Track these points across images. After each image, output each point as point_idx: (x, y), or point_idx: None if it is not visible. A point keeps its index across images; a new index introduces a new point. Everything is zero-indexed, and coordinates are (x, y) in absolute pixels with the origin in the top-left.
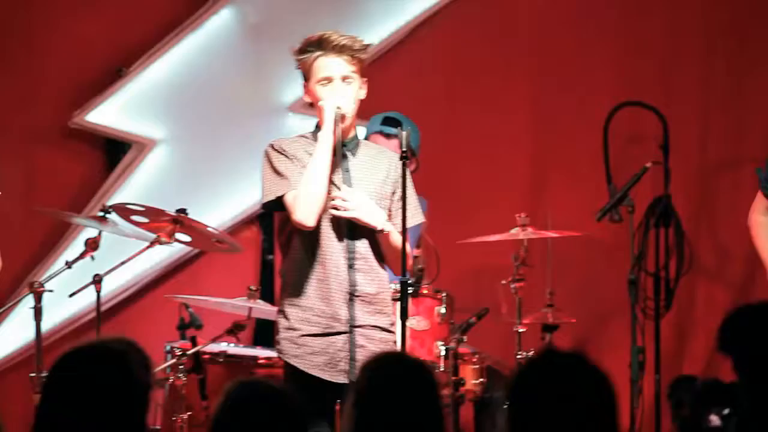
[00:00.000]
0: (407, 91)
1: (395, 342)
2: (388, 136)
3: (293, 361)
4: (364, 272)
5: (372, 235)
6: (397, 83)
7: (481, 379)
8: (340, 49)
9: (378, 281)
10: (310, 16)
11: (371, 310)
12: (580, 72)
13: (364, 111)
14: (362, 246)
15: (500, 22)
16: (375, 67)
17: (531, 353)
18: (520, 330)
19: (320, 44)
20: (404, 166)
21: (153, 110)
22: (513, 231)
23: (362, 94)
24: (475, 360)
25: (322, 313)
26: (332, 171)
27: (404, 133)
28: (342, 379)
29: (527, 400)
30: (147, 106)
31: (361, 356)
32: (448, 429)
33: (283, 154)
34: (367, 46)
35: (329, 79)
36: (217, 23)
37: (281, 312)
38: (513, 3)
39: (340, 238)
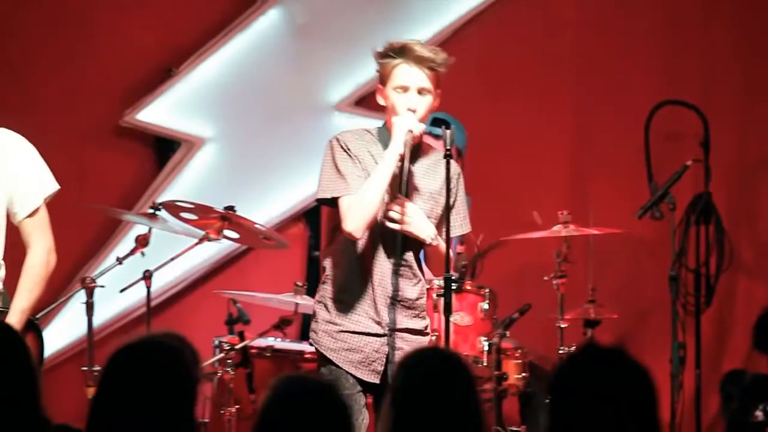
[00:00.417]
0: (451, 90)
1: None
2: (437, 137)
3: (328, 354)
4: (408, 278)
5: (419, 244)
6: (442, 82)
7: (524, 374)
8: (421, 61)
9: (419, 287)
10: (357, 17)
11: (410, 314)
12: (621, 71)
13: None
14: (408, 253)
15: (543, 22)
16: None
17: (572, 348)
18: (562, 325)
19: (402, 52)
20: (448, 164)
21: (202, 109)
22: (555, 228)
23: (435, 104)
24: (517, 355)
25: (364, 313)
26: (400, 185)
27: (449, 132)
28: (374, 379)
29: (568, 395)
30: (196, 105)
31: (398, 358)
32: (490, 423)
33: (346, 151)
34: (447, 60)
35: (405, 88)
36: (265, 23)
37: (322, 303)
38: (556, 3)
39: (387, 243)
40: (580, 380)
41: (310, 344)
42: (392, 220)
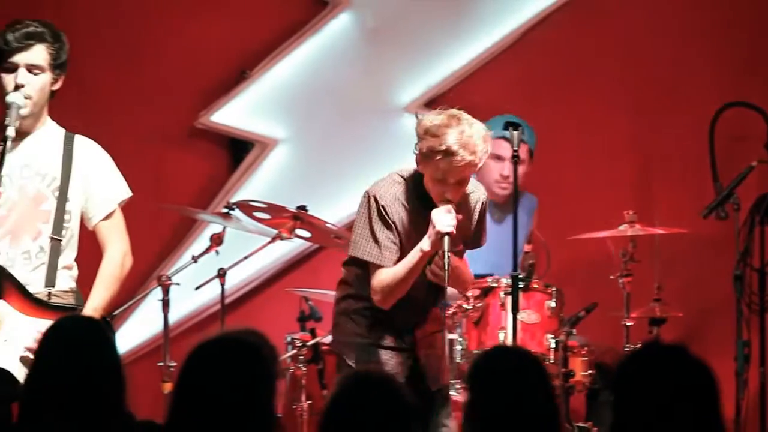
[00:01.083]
0: (518, 90)
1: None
2: (507, 139)
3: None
4: (435, 303)
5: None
6: (509, 84)
7: (590, 371)
8: (463, 166)
9: (438, 306)
10: (426, 20)
11: (427, 318)
12: (686, 71)
13: (478, 112)
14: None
15: (607, 23)
16: (488, 68)
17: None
18: (628, 324)
19: (445, 154)
20: (515, 165)
21: (275, 111)
22: (621, 228)
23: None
24: (584, 352)
25: (390, 329)
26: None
27: (516, 134)
28: None
29: (630, 392)
30: (269, 107)
31: (427, 362)
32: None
33: (382, 216)
34: (486, 147)
35: (445, 181)
36: (337, 27)
37: (346, 315)
38: (619, 5)
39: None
40: (642, 377)
41: (338, 351)
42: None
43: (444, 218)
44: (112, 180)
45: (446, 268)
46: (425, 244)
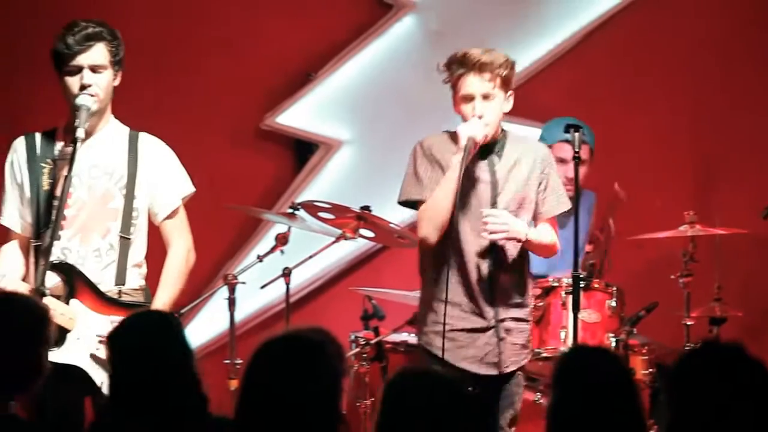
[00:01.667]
0: (580, 92)
1: (530, 331)
2: (568, 141)
3: (440, 353)
4: (504, 270)
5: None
6: (571, 85)
7: (651, 370)
8: (480, 68)
9: (515, 277)
10: (488, 23)
11: (512, 304)
12: (747, 73)
13: (540, 113)
14: (504, 247)
15: (668, 26)
16: (549, 70)
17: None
18: (688, 323)
19: (463, 63)
20: (577, 167)
21: (339, 113)
22: (682, 228)
23: (507, 106)
24: (644, 351)
25: (468, 310)
26: (473, 186)
27: (576, 135)
28: (491, 371)
29: (688, 390)
30: (334, 109)
31: (505, 348)
32: None
33: (427, 156)
34: (511, 62)
35: (471, 97)
36: (400, 30)
37: (426, 305)
38: (681, 7)
39: (479, 239)
40: (700, 376)
41: (422, 344)
42: (491, 232)
43: (469, 125)
44: (176, 176)
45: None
46: (455, 157)
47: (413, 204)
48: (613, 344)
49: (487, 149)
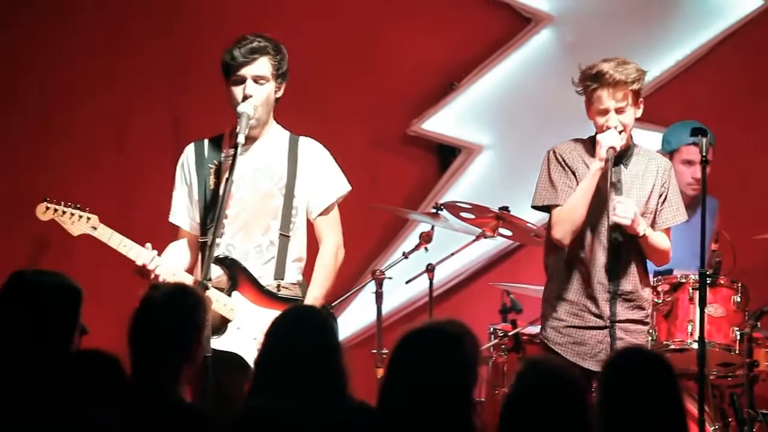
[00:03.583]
0: (707, 99)
1: (648, 333)
2: (695, 144)
3: (557, 348)
4: (624, 272)
5: (632, 237)
6: (699, 95)
7: None
8: (615, 85)
9: (635, 279)
10: (620, 36)
11: (629, 305)
12: None
13: (668, 122)
14: (625, 250)
15: None
16: (678, 80)
17: None
18: None
19: (596, 78)
20: (704, 170)
21: (480, 119)
22: None
23: (638, 113)
24: None
25: (585, 309)
26: (607, 192)
27: (704, 141)
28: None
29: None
30: (475, 116)
31: (619, 347)
32: (742, 406)
33: (560, 163)
34: (642, 75)
35: (605, 111)
36: (538, 42)
37: (548, 302)
38: None
39: (602, 241)
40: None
41: (542, 338)
42: (619, 217)
43: (607, 135)
44: (332, 176)
45: (609, 186)
46: (594, 164)
47: (546, 208)
48: (738, 337)
49: (616, 157)
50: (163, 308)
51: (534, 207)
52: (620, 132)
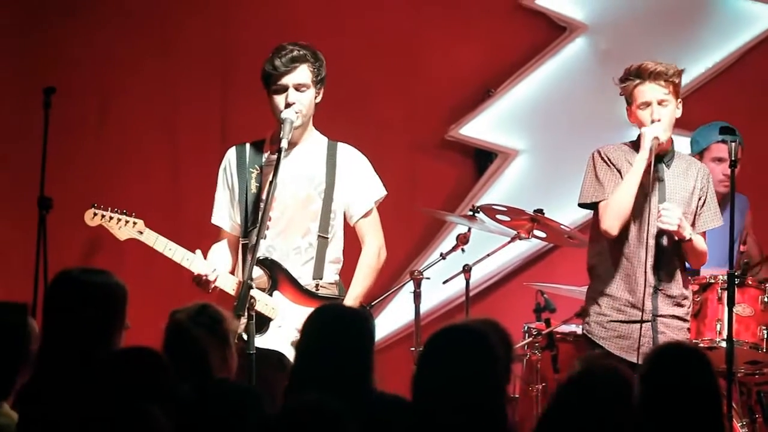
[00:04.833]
0: (736, 104)
1: (689, 329)
2: (723, 142)
3: (601, 342)
4: (666, 270)
5: (674, 239)
6: (726, 102)
7: None
8: (655, 76)
9: (677, 277)
10: (653, 44)
11: (670, 302)
12: None
13: (692, 126)
14: (666, 248)
15: None
16: (705, 88)
17: None
18: None
19: (638, 73)
20: (733, 172)
21: (516, 125)
22: None
23: (678, 113)
24: None
25: (628, 304)
26: (650, 185)
27: (734, 144)
28: None
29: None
30: (511, 122)
31: (662, 341)
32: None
33: (605, 162)
34: (680, 71)
35: (648, 104)
36: (573, 50)
37: (592, 298)
38: None
39: (646, 240)
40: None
41: (585, 332)
42: (665, 222)
43: (652, 127)
44: (370, 181)
45: (653, 180)
46: (640, 155)
47: (593, 206)
48: (766, 336)
49: (658, 157)
50: None
51: (581, 205)
52: (664, 129)
